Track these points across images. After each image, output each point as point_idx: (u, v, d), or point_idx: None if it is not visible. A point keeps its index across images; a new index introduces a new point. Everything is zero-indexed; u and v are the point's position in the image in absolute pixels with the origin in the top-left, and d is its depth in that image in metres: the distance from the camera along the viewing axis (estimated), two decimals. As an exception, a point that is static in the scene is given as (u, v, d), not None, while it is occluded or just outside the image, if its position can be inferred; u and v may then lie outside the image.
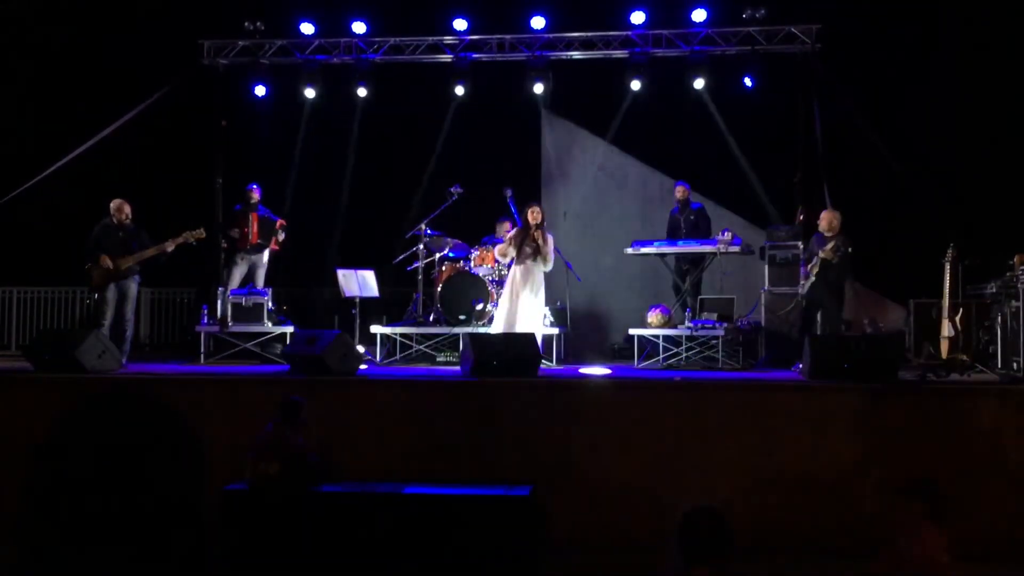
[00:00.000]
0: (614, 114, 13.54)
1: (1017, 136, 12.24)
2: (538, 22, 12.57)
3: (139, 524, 1.31)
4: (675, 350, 10.65)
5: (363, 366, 9.96)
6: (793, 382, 9.07)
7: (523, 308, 10.37)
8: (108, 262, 10.53)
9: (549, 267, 10.58)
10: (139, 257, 10.67)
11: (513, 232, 10.67)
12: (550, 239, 10.58)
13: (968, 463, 8.21)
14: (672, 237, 11.80)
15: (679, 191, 11.99)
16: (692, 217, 11.82)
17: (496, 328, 10.39)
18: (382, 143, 13.93)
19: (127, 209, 10.77)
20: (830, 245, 10.10)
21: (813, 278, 10.23)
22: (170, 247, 10.75)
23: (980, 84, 12.34)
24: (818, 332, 10.22)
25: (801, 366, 10.01)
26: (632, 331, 10.81)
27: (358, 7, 12.91)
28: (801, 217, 11.78)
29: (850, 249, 10.15)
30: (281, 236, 12.01)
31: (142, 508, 1.32)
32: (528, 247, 10.42)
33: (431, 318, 11.43)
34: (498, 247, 10.89)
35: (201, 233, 10.92)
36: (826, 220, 10.42)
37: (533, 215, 10.50)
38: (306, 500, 7.94)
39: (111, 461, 1.33)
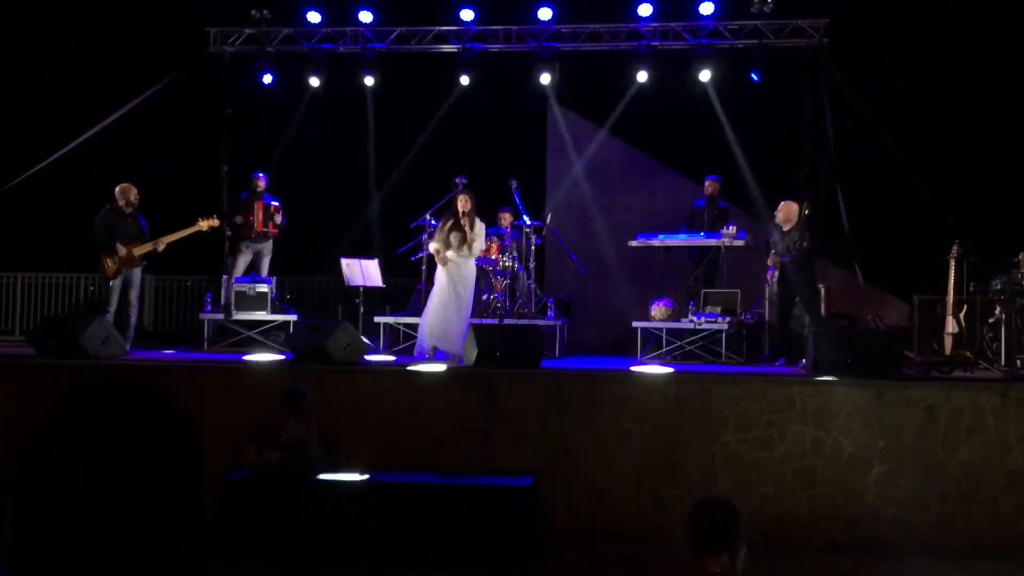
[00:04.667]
0: (620, 106, 13.51)
1: (1024, 133, 12.21)
2: (545, 13, 12.52)
3: (135, 515, 1.31)
4: (678, 343, 10.64)
5: (366, 356, 9.96)
6: (796, 377, 9.06)
7: (452, 303, 10.06)
8: (124, 251, 10.56)
9: (475, 255, 10.27)
10: (151, 246, 10.70)
11: (444, 224, 10.28)
12: (480, 227, 10.28)
13: (970, 460, 8.21)
14: (689, 228, 11.79)
15: (709, 185, 11.89)
16: (717, 213, 11.77)
17: (423, 327, 10.16)
18: (387, 133, 13.91)
19: (134, 192, 10.78)
20: (773, 253, 10.13)
21: (776, 278, 10.24)
22: (161, 247, 10.77)
23: (989, 80, 12.30)
24: (802, 329, 10.19)
25: (783, 361, 10.01)
26: (636, 324, 10.81)
27: (365, -4, 12.89)
28: (806, 212, 11.75)
29: (805, 243, 10.05)
30: (279, 219, 11.99)
31: (137, 498, 1.31)
32: (455, 237, 10.11)
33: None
34: (432, 244, 10.42)
35: (215, 221, 10.93)
36: (783, 211, 10.28)
37: (462, 203, 10.16)
38: (308, 489, 7.96)
39: (103, 451, 1.32)
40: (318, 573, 7.61)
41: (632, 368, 9.78)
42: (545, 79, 12.98)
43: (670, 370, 9.50)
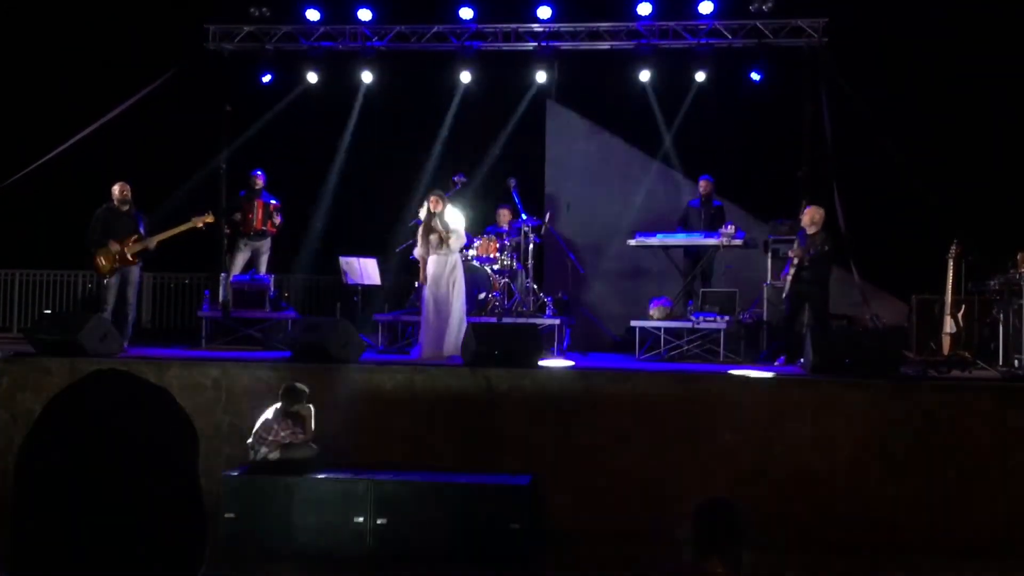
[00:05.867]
0: (619, 105, 13.51)
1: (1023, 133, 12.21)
2: (544, 12, 12.52)
3: (132, 513, 1.30)
4: (676, 343, 10.64)
5: (364, 354, 9.95)
6: (794, 377, 9.06)
7: (445, 302, 10.20)
8: (117, 247, 10.55)
9: (458, 245, 10.39)
10: (143, 244, 10.68)
11: (421, 228, 10.47)
12: (457, 219, 10.40)
13: (968, 459, 8.21)
14: (685, 228, 11.81)
15: (703, 185, 11.94)
16: (712, 212, 11.79)
17: (427, 330, 10.23)
18: (387, 131, 13.90)
19: (127, 190, 10.77)
20: (797, 247, 10.13)
21: (791, 278, 10.23)
22: (153, 244, 10.75)
23: (988, 80, 12.30)
24: (803, 328, 10.20)
25: (783, 360, 10.01)
26: (634, 323, 10.80)
27: (364, -6, 12.88)
28: (805, 209, 11.76)
29: (828, 248, 10.09)
30: (278, 218, 11.98)
31: (134, 496, 1.31)
32: (432, 237, 10.28)
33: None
34: (417, 251, 10.62)
35: (209, 217, 10.92)
36: (808, 216, 10.34)
37: (432, 203, 10.32)
38: (306, 486, 7.96)
39: (100, 448, 1.31)
40: (316, 570, 7.61)
41: (630, 367, 9.78)
42: (544, 78, 12.99)
43: (668, 369, 9.50)
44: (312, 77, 13.21)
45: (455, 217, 10.39)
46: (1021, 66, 12.07)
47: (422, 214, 10.56)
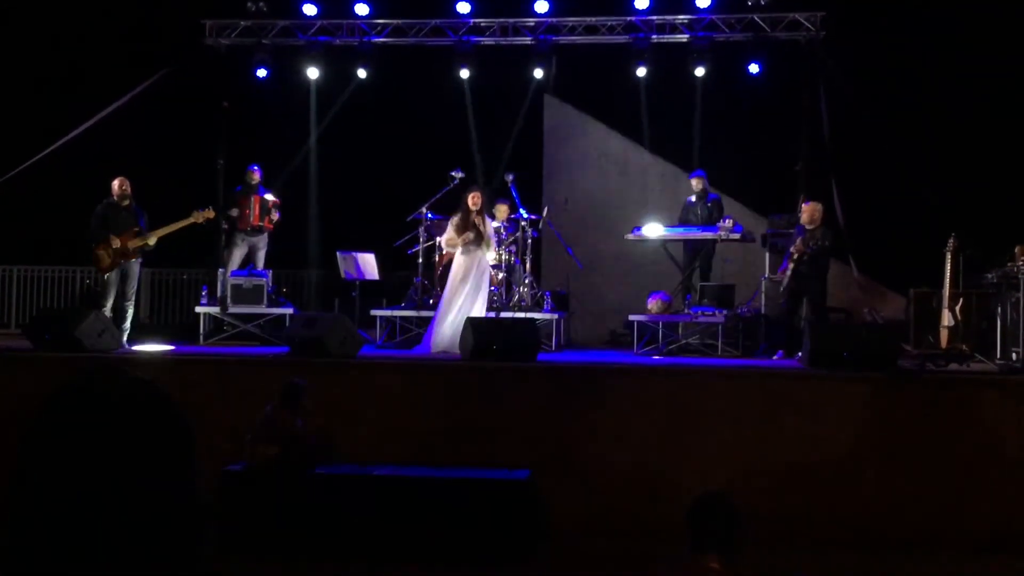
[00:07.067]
0: (617, 99, 13.50)
1: (1021, 127, 12.20)
2: (541, 6, 12.51)
3: (129, 512, 1.30)
4: (674, 336, 10.65)
5: (363, 349, 9.96)
6: (792, 370, 9.07)
7: (470, 299, 10.24)
8: (117, 242, 10.54)
9: (492, 251, 10.49)
10: (144, 239, 10.67)
11: (456, 220, 10.43)
12: (491, 223, 10.48)
13: (966, 453, 8.22)
14: (685, 226, 11.82)
15: (695, 182, 11.91)
16: (709, 206, 11.79)
17: (443, 321, 10.27)
18: (384, 126, 13.89)
19: (126, 185, 10.76)
20: (798, 241, 10.14)
21: (790, 272, 10.23)
22: (153, 240, 10.73)
23: (986, 75, 12.30)
24: (801, 322, 10.21)
25: (782, 354, 10.02)
26: (632, 317, 10.81)
27: (361, -11, 12.86)
28: (803, 205, 11.77)
29: (828, 243, 10.10)
30: (276, 215, 11.97)
31: (131, 495, 1.31)
32: (470, 233, 10.27)
33: (431, 301, 11.42)
34: (445, 237, 10.63)
35: (210, 212, 10.91)
36: (807, 213, 10.35)
37: (473, 200, 10.30)
38: (305, 482, 7.96)
39: (96, 447, 1.31)
40: (314, 567, 7.61)
41: (628, 362, 9.79)
42: (541, 72, 12.98)
43: (667, 363, 9.50)
44: (309, 72, 13.20)
45: (489, 221, 10.49)
46: (1020, 61, 12.06)
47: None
